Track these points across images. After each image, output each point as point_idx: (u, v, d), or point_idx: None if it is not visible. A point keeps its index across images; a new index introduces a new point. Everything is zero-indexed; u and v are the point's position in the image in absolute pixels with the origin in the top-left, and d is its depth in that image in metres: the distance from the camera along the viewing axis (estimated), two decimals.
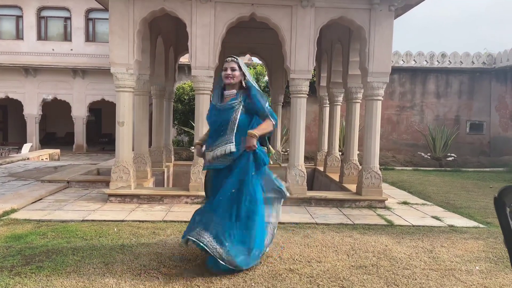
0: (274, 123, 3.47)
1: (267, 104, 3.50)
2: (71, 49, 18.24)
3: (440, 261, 3.81)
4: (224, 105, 3.49)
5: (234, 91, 3.51)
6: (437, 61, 15.26)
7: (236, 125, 3.40)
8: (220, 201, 3.37)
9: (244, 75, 3.50)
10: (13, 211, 5.20)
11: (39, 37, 18.20)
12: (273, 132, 3.58)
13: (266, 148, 3.62)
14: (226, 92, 3.54)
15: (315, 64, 6.23)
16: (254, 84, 3.54)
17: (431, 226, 5.09)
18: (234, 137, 3.39)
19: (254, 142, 3.33)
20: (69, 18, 18.34)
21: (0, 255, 3.60)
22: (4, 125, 20.90)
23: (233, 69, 3.46)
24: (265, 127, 3.43)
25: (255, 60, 15.81)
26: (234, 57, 3.54)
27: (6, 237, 4.13)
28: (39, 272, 3.22)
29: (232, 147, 3.37)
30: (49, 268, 3.31)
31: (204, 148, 3.65)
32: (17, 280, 3.06)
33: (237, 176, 3.39)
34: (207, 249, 3.24)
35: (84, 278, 3.14)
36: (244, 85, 3.51)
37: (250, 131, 3.34)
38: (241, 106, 3.43)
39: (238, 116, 3.41)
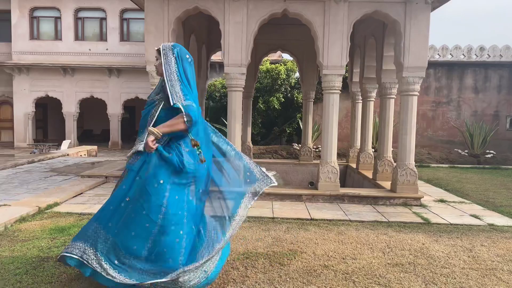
0: (187, 119, 2.69)
1: (181, 93, 2.77)
2: (107, 49, 18.78)
3: (481, 260, 3.71)
4: (149, 100, 2.98)
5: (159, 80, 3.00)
6: (475, 54, 14.70)
7: (153, 121, 2.82)
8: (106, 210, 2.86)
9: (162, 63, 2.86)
10: (56, 204, 5.44)
11: (77, 38, 18.84)
12: (191, 130, 2.74)
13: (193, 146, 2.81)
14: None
15: (348, 60, 6.16)
16: (170, 69, 2.83)
17: (470, 225, 4.95)
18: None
19: (149, 140, 2.67)
20: (105, 19, 18.88)
21: (45, 246, 3.79)
22: (44, 123, 21.76)
23: (156, 59, 2.96)
24: (172, 123, 2.71)
25: (286, 56, 15.77)
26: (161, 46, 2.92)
27: (51, 229, 4.33)
28: None
29: (140, 147, 2.84)
30: None
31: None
32: (62, 270, 3.21)
33: (134, 182, 2.78)
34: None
35: None
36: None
37: (149, 127, 2.74)
38: (163, 101, 2.86)
39: (158, 112, 2.84)
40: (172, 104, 2.72)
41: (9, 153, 15.63)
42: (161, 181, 2.72)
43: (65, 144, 15.78)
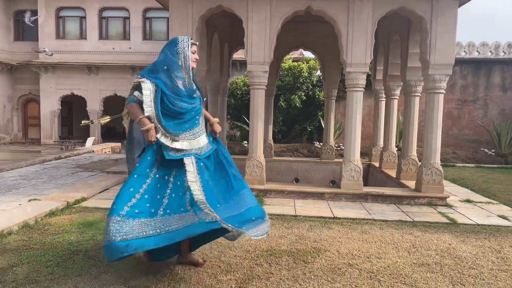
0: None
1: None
2: (130, 48, 19.10)
3: (510, 261, 3.62)
4: (194, 91, 3.18)
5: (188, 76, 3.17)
6: (503, 51, 14.29)
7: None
8: None
9: None
10: (83, 199, 5.58)
11: (101, 37, 19.23)
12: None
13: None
14: (185, 77, 3.12)
15: (372, 57, 6.09)
16: None
17: (498, 226, 4.83)
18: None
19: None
20: (128, 18, 19.20)
21: (74, 239, 3.90)
22: (69, 120, 22.31)
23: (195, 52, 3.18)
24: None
25: (308, 54, 15.69)
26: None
27: (79, 223, 4.45)
28: None
29: (205, 138, 3.25)
30: None
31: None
32: (91, 263, 3.30)
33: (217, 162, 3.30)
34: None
35: (151, 263, 3.31)
36: None
37: (213, 119, 3.47)
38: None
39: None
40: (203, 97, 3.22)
41: (36, 150, 16.11)
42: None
43: (89, 141, 16.15)
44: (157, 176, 3.00)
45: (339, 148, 12.28)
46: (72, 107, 22.09)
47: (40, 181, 6.99)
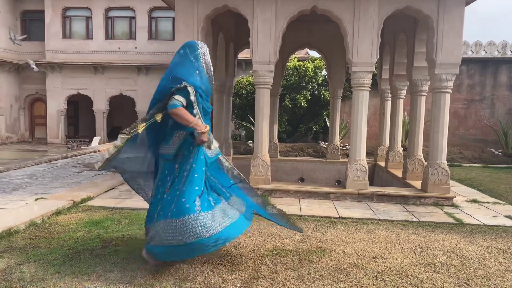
0: None
1: None
2: (135, 47, 19.16)
3: None
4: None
5: None
6: (510, 51, 14.17)
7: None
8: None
9: None
10: (90, 198, 5.61)
11: (107, 37, 19.30)
12: None
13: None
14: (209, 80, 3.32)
15: (378, 57, 6.06)
16: None
17: (505, 226, 4.80)
18: None
19: None
20: (134, 18, 19.26)
21: (81, 238, 3.92)
22: (75, 119, 22.42)
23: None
24: None
25: (313, 53, 15.66)
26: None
27: (85, 222, 4.47)
28: (116, 255, 3.47)
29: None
30: (125, 252, 3.55)
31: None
32: (97, 262, 3.32)
33: None
34: None
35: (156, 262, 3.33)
36: None
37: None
38: None
39: None
40: None
41: (43, 149, 16.22)
42: None
43: (95, 140, 16.23)
44: (208, 174, 3.30)
45: (344, 148, 12.25)
46: (78, 107, 22.20)
47: (46, 180, 7.04)
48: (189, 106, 3.06)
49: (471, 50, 14.34)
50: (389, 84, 8.57)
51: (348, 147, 6.25)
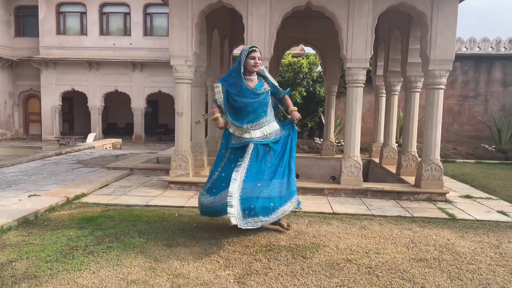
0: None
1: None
2: (130, 43, 19.07)
3: (508, 257, 3.62)
4: (258, 89, 3.93)
5: (255, 77, 3.99)
6: (504, 47, 14.24)
7: (267, 105, 4.02)
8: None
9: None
10: (83, 195, 5.60)
11: (101, 33, 19.20)
12: None
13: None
14: (250, 78, 3.95)
15: (372, 53, 6.07)
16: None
17: (497, 221, 4.83)
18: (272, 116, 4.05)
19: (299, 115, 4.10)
20: (129, 14, 19.16)
21: (74, 235, 3.91)
22: (70, 116, 22.33)
23: (259, 58, 3.94)
24: (290, 101, 4.20)
25: (308, 50, 15.65)
26: (258, 48, 3.98)
27: (79, 219, 4.46)
28: (109, 252, 3.46)
29: (276, 125, 4.04)
30: (119, 248, 3.54)
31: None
32: (90, 259, 3.31)
33: (284, 146, 4.05)
34: None
35: (151, 258, 3.33)
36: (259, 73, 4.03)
37: (292, 107, 4.11)
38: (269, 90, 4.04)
39: (269, 98, 4.03)
40: (282, 91, 4.11)
41: (37, 146, 16.13)
42: None
43: (90, 137, 16.16)
44: (231, 156, 3.92)
45: (339, 144, 12.28)
46: (73, 103, 22.10)
47: (40, 177, 7.01)
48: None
49: (465, 47, 14.41)
50: (384, 80, 8.58)
51: (343, 143, 6.26)
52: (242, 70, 3.88)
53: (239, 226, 3.51)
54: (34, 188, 6.04)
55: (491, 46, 14.33)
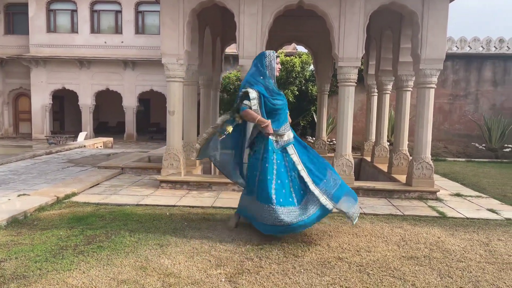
0: None
1: None
2: (122, 42, 18.95)
3: (497, 254, 3.66)
4: (282, 96, 4.03)
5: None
6: (494, 47, 14.37)
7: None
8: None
9: None
10: (74, 194, 5.55)
11: (92, 31, 19.05)
12: None
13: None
14: (273, 82, 4.00)
15: (363, 52, 6.09)
16: None
17: (487, 219, 4.88)
18: None
19: None
20: (120, 12, 19.03)
21: (64, 234, 3.87)
22: (61, 114, 22.13)
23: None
24: None
25: (301, 48, 15.67)
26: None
27: (69, 218, 4.42)
28: (100, 251, 3.44)
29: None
30: (109, 248, 3.52)
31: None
32: (80, 258, 3.28)
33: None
34: None
35: (141, 258, 3.31)
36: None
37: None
38: None
39: None
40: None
41: (27, 145, 15.98)
42: None
43: (81, 136, 16.04)
44: (278, 162, 3.86)
45: (331, 143, 12.32)
46: (64, 102, 21.91)
47: (30, 176, 6.94)
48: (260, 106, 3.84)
49: (456, 46, 14.51)
50: (375, 79, 8.63)
51: (335, 142, 6.28)
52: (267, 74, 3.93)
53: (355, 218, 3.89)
54: (24, 187, 5.98)
55: (482, 46, 14.45)
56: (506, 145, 12.90)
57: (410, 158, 6.54)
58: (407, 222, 4.66)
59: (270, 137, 3.85)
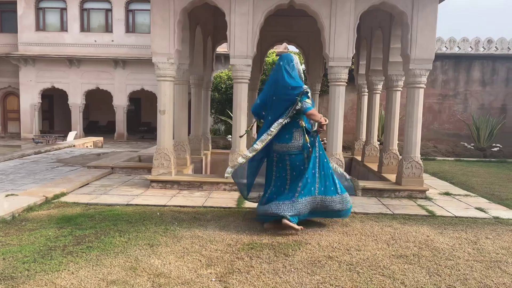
0: None
1: None
2: (112, 40, 18.80)
3: (485, 252, 3.71)
4: None
5: None
6: (483, 47, 14.55)
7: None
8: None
9: None
10: (63, 194, 5.49)
11: (82, 29, 18.87)
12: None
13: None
14: None
15: (354, 52, 6.12)
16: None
17: (475, 218, 4.94)
18: None
19: None
20: (110, 10, 18.88)
21: (53, 235, 3.83)
22: (50, 114, 21.90)
23: None
24: None
25: (292, 48, 15.69)
26: None
27: (58, 218, 4.38)
28: (89, 252, 3.41)
29: None
30: (99, 248, 3.49)
31: None
32: (69, 259, 3.25)
33: None
34: None
35: (131, 258, 3.29)
36: None
37: None
38: None
39: None
40: None
41: (16, 144, 15.79)
42: None
43: (71, 135, 15.89)
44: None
45: (322, 142, 12.34)
46: (53, 101, 21.68)
47: (18, 176, 6.86)
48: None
49: (445, 46, 14.66)
50: (366, 79, 8.67)
51: (326, 141, 6.31)
52: None
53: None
54: (12, 187, 5.90)
55: (470, 46, 14.62)
56: (494, 144, 13.06)
57: (400, 157, 6.59)
58: (396, 221, 4.70)
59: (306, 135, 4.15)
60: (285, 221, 3.94)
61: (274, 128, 4.08)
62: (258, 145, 4.14)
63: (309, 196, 4.08)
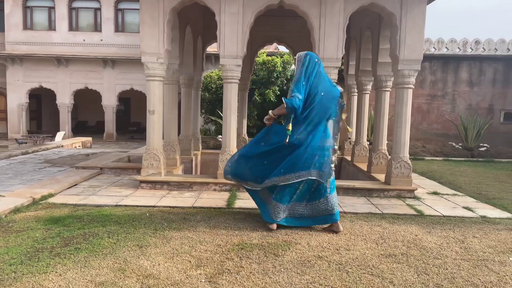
0: (285, 106, 4.11)
1: (291, 88, 4.26)
2: (101, 40, 18.64)
3: (472, 251, 3.75)
4: None
5: None
6: (471, 48, 14.73)
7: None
8: None
9: None
10: (51, 195, 5.43)
11: (71, 28, 18.66)
12: (287, 112, 4.17)
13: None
14: None
15: (344, 52, 6.15)
16: (295, 72, 4.41)
17: (463, 217, 5.00)
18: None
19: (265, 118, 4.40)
20: (99, 9, 18.71)
21: (40, 236, 3.79)
22: (38, 114, 21.63)
23: None
24: (279, 107, 4.27)
25: (282, 48, 15.72)
26: None
27: (45, 220, 4.32)
28: (77, 253, 3.38)
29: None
30: (87, 249, 3.46)
31: None
32: (57, 261, 3.22)
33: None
34: None
35: (120, 259, 3.27)
36: None
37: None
38: None
39: None
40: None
41: (3, 145, 15.55)
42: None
43: (59, 135, 15.71)
44: None
45: None
46: (41, 101, 21.42)
47: (5, 177, 6.76)
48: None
49: (433, 47, 14.81)
50: (356, 79, 8.73)
51: None
52: None
53: None
54: None
55: (458, 47, 14.79)
56: (481, 144, 13.23)
57: (389, 157, 6.64)
58: (385, 220, 4.74)
59: None
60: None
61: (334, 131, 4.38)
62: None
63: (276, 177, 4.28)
